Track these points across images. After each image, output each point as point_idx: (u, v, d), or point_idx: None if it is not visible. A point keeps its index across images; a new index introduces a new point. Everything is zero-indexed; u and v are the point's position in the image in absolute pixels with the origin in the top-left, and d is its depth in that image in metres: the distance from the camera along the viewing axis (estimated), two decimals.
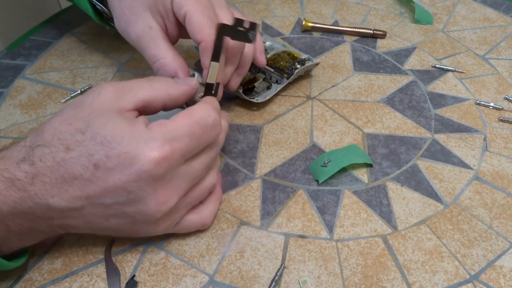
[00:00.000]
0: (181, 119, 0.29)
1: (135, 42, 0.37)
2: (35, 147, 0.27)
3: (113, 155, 0.26)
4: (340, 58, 0.54)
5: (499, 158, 0.42)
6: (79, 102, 0.29)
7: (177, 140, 0.28)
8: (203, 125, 0.29)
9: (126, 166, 0.26)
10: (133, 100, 0.29)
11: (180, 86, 0.32)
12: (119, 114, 0.28)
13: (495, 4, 0.65)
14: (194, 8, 0.34)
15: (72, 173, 0.26)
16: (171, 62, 0.36)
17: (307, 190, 0.39)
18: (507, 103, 0.49)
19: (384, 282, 0.33)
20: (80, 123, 0.27)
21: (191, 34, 0.35)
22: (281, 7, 0.62)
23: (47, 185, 0.26)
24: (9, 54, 0.52)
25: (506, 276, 0.33)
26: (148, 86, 0.31)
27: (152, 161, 0.26)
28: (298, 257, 0.34)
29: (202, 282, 0.32)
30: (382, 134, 0.44)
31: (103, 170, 0.26)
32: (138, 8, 0.36)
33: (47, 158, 0.27)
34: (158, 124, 0.28)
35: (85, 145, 0.27)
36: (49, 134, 0.27)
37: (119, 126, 0.27)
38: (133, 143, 0.27)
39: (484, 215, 0.38)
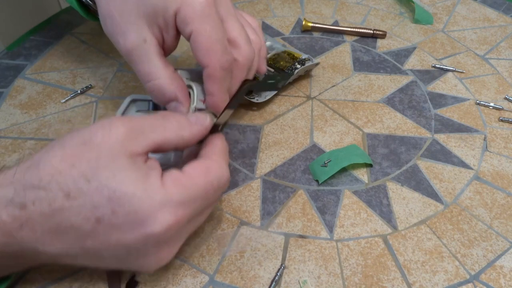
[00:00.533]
0: (198, 177, 0.27)
1: (124, 53, 0.32)
2: (28, 187, 0.23)
3: (121, 212, 0.24)
4: (340, 58, 0.54)
5: (499, 158, 0.42)
6: (86, 138, 0.25)
7: (191, 202, 0.26)
8: (216, 187, 0.28)
9: (134, 226, 0.24)
10: (145, 144, 0.26)
11: (193, 127, 0.29)
12: (131, 162, 0.25)
13: (495, 4, 0.65)
14: (202, 27, 0.30)
15: (70, 224, 0.24)
16: (168, 85, 0.32)
17: (307, 190, 0.39)
18: (507, 103, 0.49)
19: (384, 282, 0.33)
20: (86, 168, 0.24)
21: (197, 56, 0.31)
22: (281, 7, 0.62)
23: (37, 233, 0.23)
24: (9, 54, 0.52)
25: (506, 276, 0.33)
26: (161, 127, 0.28)
27: (164, 225, 0.24)
28: (298, 257, 0.34)
29: (202, 282, 0.32)
30: (382, 134, 0.44)
31: (106, 226, 0.24)
32: (131, 13, 0.31)
33: (42, 203, 0.23)
34: (174, 180, 0.26)
35: (89, 196, 0.23)
36: (47, 173, 0.24)
37: (131, 180, 0.24)
38: (146, 202, 0.24)
39: (484, 215, 0.38)
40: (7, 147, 0.41)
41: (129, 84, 0.49)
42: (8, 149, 0.41)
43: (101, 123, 0.26)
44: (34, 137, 0.42)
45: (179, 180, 0.26)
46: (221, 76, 0.32)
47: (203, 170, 0.27)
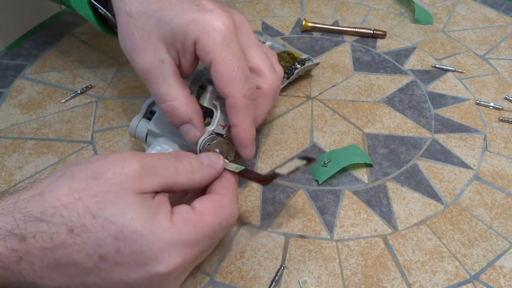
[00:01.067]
0: (208, 216, 0.26)
1: (140, 73, 0.32)
2: (30, 219, 0.22)
3: (127, 252, 0.23)
4: (340, 58, 0.54)
5: (499, 158, 0.42)
6: (96, 172, 0.24)
7: (199, 242, 0.25)
8: (224, 226, 0.27)
9: (139, 265, 0.23)
10: (156, 184, 0.25)
11: (205, 171, 0.29)
12: (139, 200, 0.24)
13: (495, 4, 0.65)
14: (222, 56, 0.29)
15: (71, 260, 0.22)
16: (184, 107, 0.31)
17: (307, 190, 0.39)
18: (507, 103, 0.49)
19: (384, 282, 0.33)
20: (93, 203, 0.23)
21: (218, 86, 0.31)
22: (281, 7, 0.62)
23: (36, 267, 0.22)
24: (9, 54, 0.52)
25: (506, 276, 0.33)
26: (173, 169, 0.27)
27: (170, 266, 0.23)
28: (298, 257, 0.34)
29: (202, 282, 0.32)
30: (382, 134, 0.44)
31: (110, 264, 0.23)
32: (151, 34, 0.31)
33: (43, 237, 0.22)
34: (184, 219, 0.25)
35: (94, 233, 0.22)
36: (51, 205, 0.23)
37: (139, 218, 0.23)
38: (154, 243, 0.23)
39: (484, 215, 0.38)
40: (7, 147, 0.41)
41: (129, 84, 0.49)
42: (8, 149, 0.41)
43: (114, 157, 0.25)
44: (34, 137, 0.42)
45: (190, 219, 0.25)
46: (244, 106, 0.31)
47: (215, 209, 0.26)
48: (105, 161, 0.25)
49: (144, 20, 0.31)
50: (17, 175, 0.39)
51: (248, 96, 0.31)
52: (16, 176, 0.39)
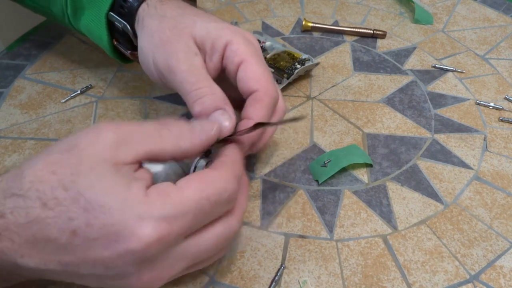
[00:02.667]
0: (189, 190, 0.24)
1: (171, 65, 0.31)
2: (9, 195, 0.23)
3: (96, 225, 0.22)
4: (340, 58, 0.54)
5: (499, 158, 0.42)
6: (71, 143, 0.24)
7: (178, 217, 0.23)
8: (214, 202, 0.24)
9: (110, 240, 0.22)
10: (134, 153, 0.24)
11: (195, 137, 0.27)
12: (113, 171, 0.23)
13: (495, 4, 0.65)
14: (253, 58, 0.32)
15: (47, 235, 0.22)
16: (219, 92, 0.31)
17: (307, 190, 0.39)
18: (507, 103, 0.49)
19: (384, 282, 0.33)
20: (65, 175, 0.22)
21: (246, 83, 0.31)
22: (281, 7, 0.62)
23: (15, 244, 0.22)
24: (9, 54, 0.52)
25: (506, 276, 0.33)
26: (156, 135, 0.26)
27: (142, 241, 0.22)
28: (298, 257, 0.34)
29: (202, 282, 0.32)
30: (382, 134, 0.44)
31: (82, 240, 0.22)
32: (184, 31, 0.32)
33: (19, 212, 0.22)
34: (160, 192, 0.23)
35: (65, 206, 0.22)
36: (27, 180, 0.23)
37: (110, 190, 0.22)
38: (123, 215, 0.22)
39: (484, 215, 0.38)
40: (7, 147, 0.41)
41: (129, 84, 0.49)
42: (8, 149, 0.41)
43: (89, 129, 0.25)
44: (34, 137, 0.42)
45: (166, 192, 0.23)
46: (269, 103, 0.31)
47: (199, 183, 0.24)
48: (80, 134, 0.24)
49: (178, 20, 0.33)
50: None
51: (273, 96, 0.32)
52: None
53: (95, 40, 0.41)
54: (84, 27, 0.40)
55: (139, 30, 0.35)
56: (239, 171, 0.28)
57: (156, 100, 0.47)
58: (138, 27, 0.35)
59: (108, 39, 0.39)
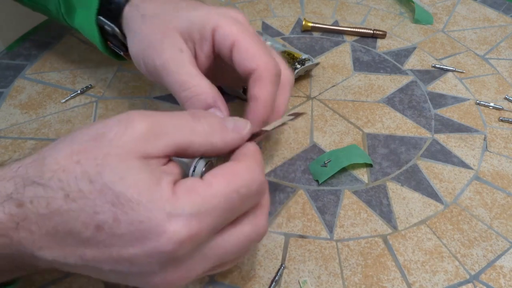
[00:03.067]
0: (218, 184, 0.23)
1: (158, 66, 0.31)
2: (28, 183, 0.21)
3: (124, 221, 0.21)
4: (340, 58, 0.54)
5: (499, 158, 0.42)
6: (99, 132, 0.22)
7: (208, 214, 0.22)
8: (243, 195, 0.23)
9: (138, 238, 0.21)
10: (165, 146, 0.23)
11: (228, 135, 0.26)
12: (142, 165, 0.22)
13: (495, 4, 0.65)
14: (244, 36, 0.30)
15: (68, 228, 0.21)
16: (209, 89, 0.30)
17: (307, 190, 0.39)
18: (507, 103, 0.49)
19: (384, 282, 0.33)
20: (91, 166, 0.21)
21: (242, 64, 0.30)
22: (281, 7, 0.62)
23: (34, 234, 0.21)
24: (9, 54, 0.52)
25: (506, 276, 0.33)
26: (188, 129, 0.24)
27: (172, 240, 0.21)
28: (298, 257, 0.34)
29: (202, 282, 0.32)
30: (382, 134, 0.44)
31: (107, 235, 0.21)
32: (167, 28, 0.31)
33: (40, 202, 0.21)
34: (188, 189, 0.22)
35: (90, 199, 0.21)
36: (49, 169, 0.21)
37: (139, 185, 0.21)
38: (153, 212, 0.21)
39: (484, 215, 0.38)
40: (7, 147, 0.41)
41: (129, 84, 0.49)
42: (8, 149, 0.41)
43: (119, 117, 0.23)
44: (34, 137, 0.42)
45: (195, 188, 0.22)
46: (271, 78, 0.30)
47: (227, 176, 0.23)
48: (109, 122, 0.23)
49: (161, 18, 0.32)
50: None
51: (274, 71, 0.30)
52: None
53: (89, 38, 0.40)
54: (78, 25, 0.40)
55: (126, 33, 0.35)
56: (262, 161, 0.26)
57: (156, 100, 0.47)
58: (126, 30, 0.35)
59: (101, 40, 0.38)
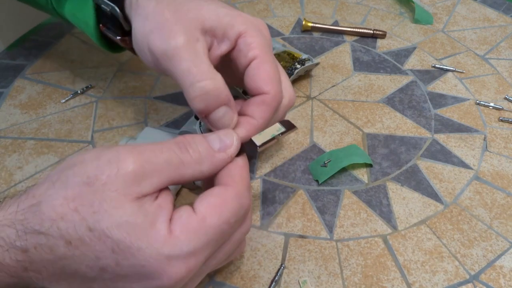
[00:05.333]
0: (211, 218, 0.23)
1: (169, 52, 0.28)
2: (29, 231, 0.22)
3: (126, 265, 0.22)
4: (340, 58, 0.54)
5: (499, 158, 0.42)
6: (91, 176, 0.23)
7: (203, 248, 0.23)
8: (233, 223, 0.24)
9: (141, 278, 0.22)
10: (156, 183, 0.24)
11: (215, 158, 0.26)
12: (136, 207, 0.22)
13: (495, 4, 0.65)
14: (266, 56, 0.30)
15: (74, 270, 0.22)
16: (224, 86, 0.28)
17: (307, 190, 0.39)
18: (507, 103, 0.49)
19: (384, 282, 0.33)
20: (88, 213, 0.22)
21: (255, 82, 0.30)
22: (281, 7, 0.62)
23: (43, 274, 0.23)
24: (9, 54, 0.52)
25: (506, 276, 0.33)
26: (177, 162, 0.24)
27: (173, 279, 0.22)
28: (298, 257, 0.34)
29: (202, 282, 0.32)
30: (382, 134, 0.44)
31: (111, 275, 0.22)
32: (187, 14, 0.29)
33: (43, 249, 0.22)
34: (184, 227, 0.23)
35: (91, 246, 0.22)
36: (48, 217, 0.22)
37: (135, 230, 0.22)
38: (152, 257, 0.22)
39: (484, 215, 0.38)
40: (7, 147, 0.41)
41: (129, 84, 0.49)
42: (8, 149, 0.41)
43: (109, 157, 0.23)
44: (34, 137, 0.42)
45: (190, 226, 0.23)
46: (275, 107, 0.30)
47: (218, 208, 0.24)
48: (100, 162, 0.23)
49: (181, 2, 0.29)
50: (17, 175, 0.39)
51: (280, 101, 0.31)
52: (16, 176, 0.39)
53: (80, 26, 0.37)
54: (69, 12, 0.37)
55: (133, 11, 0.31)
56: (248, 179, 0.27)
57: (156, 100, 0.47)
58: (132, 9, 0.31)
59: (95, 23, 0.35)
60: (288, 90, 0.33)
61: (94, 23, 0.35)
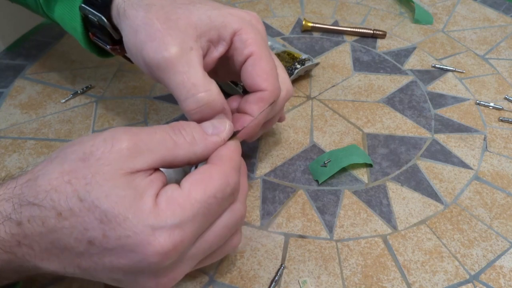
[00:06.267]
0: (195, 193, 0.24)
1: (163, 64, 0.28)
2: (24, 203, 0.23)
3: (112, 236, 0.22)
4: (340, 58, 0.54)
5: (499, 158, 0.42)
6: (87, 152, 0.24)
7: (189, 222, 0.23)
8: (220, 198, 0.25)
9: (126, 251, 0.22)
10: (149, 161, 0.24)
11: (208, 140, 0.27)
12: (126, 181, 0.23)
13: (495, 4, 0.65)
14: (262, 52, 0.30)
15: (63, 244, 0.23)
16: (219, 96, 0.29)
17: (307, 190, 0.39)
18: (507, 103, 0.49)
19: (384, 282, 0.33)
20: (81, 185, 0.22)
21: (252, 78, 0.30)
22: (281, 7, 0.62)
23: (35, 250, 0.23)
24: (9, 54, 0.52)
25: (506, 276, 0.33)
26: (171, 143, 0.25)
27: (158, 252, 0.22)
28: (298, 257, 0.34)
29: (202, 282, 0.32)
30: (382, 134, 0.44)
31: (99, 249, 0.23)
32: (178, 22, 0.29)
33: (36, 221, 0.22)
34: (169, 200, 0.23)
35: (80, 217, 0.22)
36: (43, 189, 0.23)
37: (124, 201, 0.22)
38: (138, 226, 0.22)
39: (484, 215, 0.38)
40: (7, 147, 0.41)
41: (129, 84, 0.49)
42: (8, 149, 0.41)
43: (104, 136, 0.24)
44: (34, 137, 0.42)
45: (175, 199, 0.23)
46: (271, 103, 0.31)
47: (203, 183, 0.24)
48: (96, 140, 0.24)
49: (169, 10, 0.29)
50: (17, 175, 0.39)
51: (276, 97, 0.31)
52: None
53: (69, 30, 0.37)
54: (58, 17, 0.37)
55: (122, 22, 0.31)
56: (238, 161, 0.27)
57: (156, 100, 0.47)
58: (120, 19, 0.31)
59: (82, 30, 0.35)
60: (285, 82, 0.34)
61: (82, 30, 0.36)
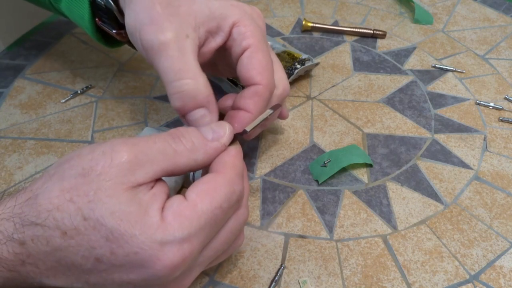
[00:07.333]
0: (202, 204, 0.24)
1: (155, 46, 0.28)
2: (26, 223, 0.22)
3: (120, 254, 0.22)
4: (340, 58, 0.54)
5: (499, 158, 0.42)
6: (86, 167, 0.23)
7: (197, 234, 0.23)
8: (226, 208, 0.25)
9: (136, 266, 0.22)
10: (150, 173, 0.24)
11: (209, 147, 0.26)
12: (130, 196, 0.23)
13: (495, 4, 0.65)
14: (259, 45, 0.30)
15: (70, 261, 0.22)
16: (204, 87, 0.28)
17: (307, 190, 0.39)
18: (507, 103, 0.49)
19: (384, 282, 0.33)
20: (84, 203, 0.22)
21: (248, 71, 0.30)
22: (281, 7, 0.62)
23: (40, 268, 0.23)
24: (9, 54, 0.52)
25: (506, 276, 0.33)
26: (171, 152, 0.25)
27: (167, 266, 0.22)
28: (298, 257, 0.34)
29: (202, 282, 0.32)
30: (382, 134, 0.44)
31: (107, 265, 0.22)
32: (178, 9, 0.29)
33: (40, 241, 0.22)
34: (176, 213, 0.23)
35: (86, 235, 0.22)
36: (44, 208, 0.22)
37: (128, 218, 0.22)
38: (146, 243, 0.22)
39: (484, 215, 0.38)
40: (7, 147, 0.41)
41: (129, 84, 0.49)
42: (8, 149, 0.41)
43: (103, 148, 0.23)
44: (34, 137, 0.42)
45: (181, 212, 0.23)
46: (267, 98, 0.31)
47: (209, 193, 0.24)
48: (95, 154, 0.23)
49: None
50: (17, 175, 0.39)
51: (272, 91, 0.31)
52: (16, 176, 0.39)
53: (76, 20, 0.37)
54: (65, 6, 0.37)
55: (126, 4, 0.31)
56: (241, 166, 0.27)
57: (156, 100, 0.47)
58: (126, 2, 0.31)
59: (90, 17, 0.35)
60: (281, 80, 0.34)
61: (89, 17, 0.35)
